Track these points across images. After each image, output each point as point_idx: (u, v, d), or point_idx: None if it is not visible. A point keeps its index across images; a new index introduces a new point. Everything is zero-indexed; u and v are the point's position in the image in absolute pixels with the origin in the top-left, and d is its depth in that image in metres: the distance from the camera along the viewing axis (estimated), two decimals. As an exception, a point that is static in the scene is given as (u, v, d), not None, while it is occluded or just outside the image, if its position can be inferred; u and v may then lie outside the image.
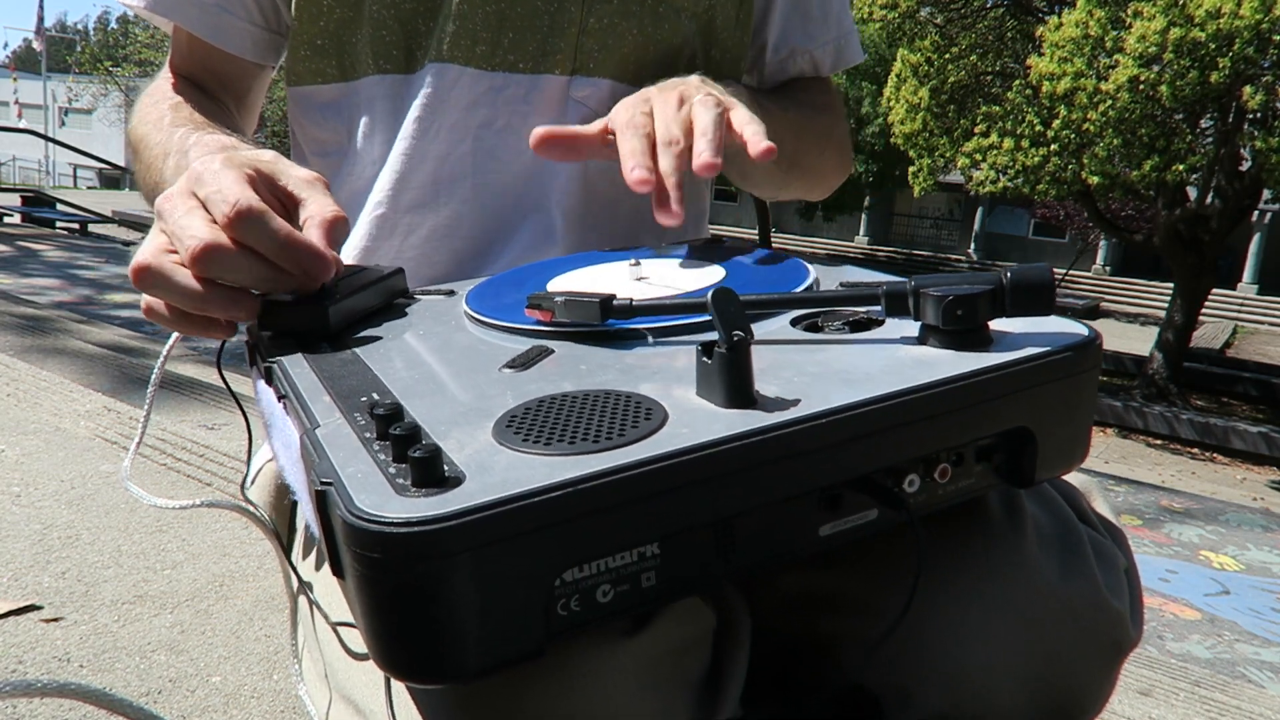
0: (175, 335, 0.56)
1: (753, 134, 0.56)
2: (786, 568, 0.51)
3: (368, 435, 0.37)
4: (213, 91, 0.82)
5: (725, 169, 0.63)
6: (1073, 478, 0.58)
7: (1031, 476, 0.42)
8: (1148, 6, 7.70)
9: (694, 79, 0.65)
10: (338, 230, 0.53)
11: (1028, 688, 0.47)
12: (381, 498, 0.31)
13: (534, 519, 0.31)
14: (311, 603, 0.61)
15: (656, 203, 0.55)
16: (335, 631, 0.56)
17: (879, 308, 0.43)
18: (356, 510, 0.31)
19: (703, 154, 0.55)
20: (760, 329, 0.46)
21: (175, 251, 0.49)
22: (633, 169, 0.55)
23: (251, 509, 0.57)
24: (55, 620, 1.36)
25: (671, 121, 0.58)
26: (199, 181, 0.50)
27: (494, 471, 0.32)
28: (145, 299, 0.52)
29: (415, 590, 0.30)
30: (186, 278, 0.48)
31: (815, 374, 0.39)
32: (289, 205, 0.54)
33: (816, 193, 0.90)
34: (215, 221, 0.49)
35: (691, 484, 0.33)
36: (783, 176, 0.81)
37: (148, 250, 0.49)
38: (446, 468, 0.33)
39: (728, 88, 0.67)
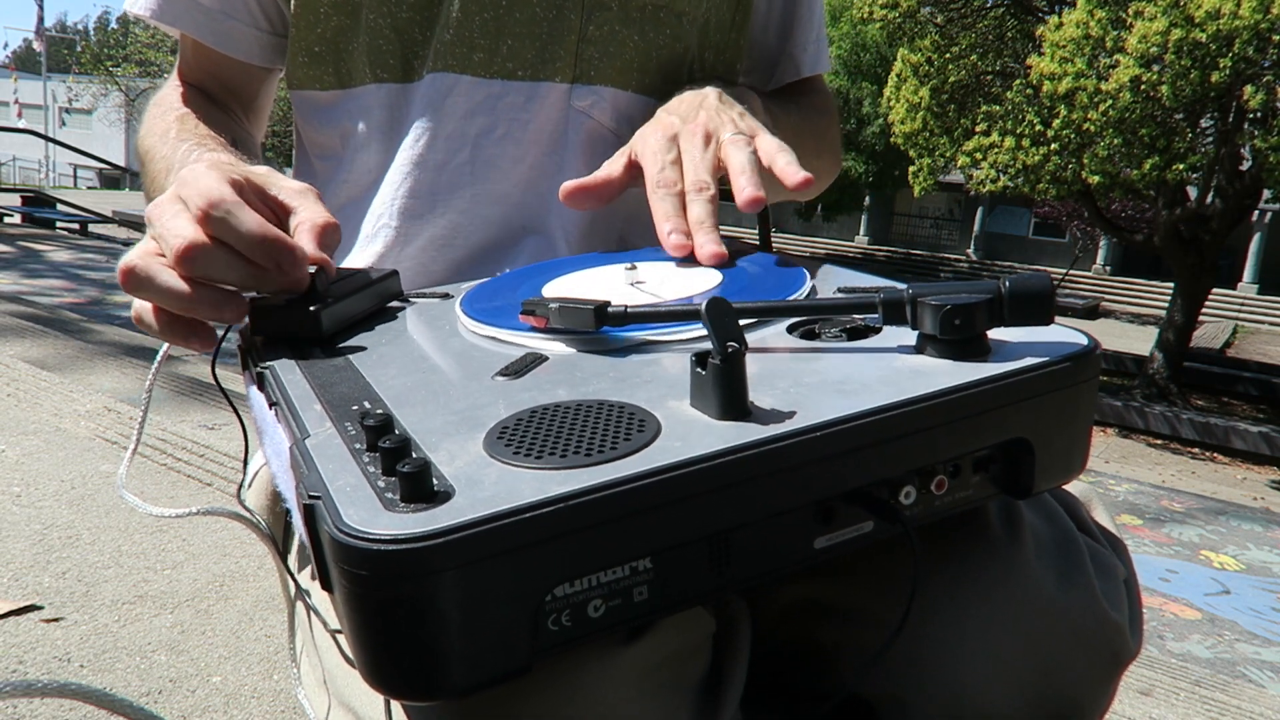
0: (167, 345, 0.56)
1: (784, 164, 0.58)
2: (785, 576, 0.51)
3: (358, 446, 0.36)
4: (220, 99, 0.82)
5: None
6: (1072, 486, 0.58)
7: (1030, 487, 0.42)
8: (1149, 7, 7.69)
9: (712, 98, 0.65)
10: (328, 235, 0.53)
11: (1025, 699, 0.47)
12: (369, 513, 0.31)
13: (523, 535, 0.30)
14: (310, 608, 0.61)
15: (697, 251, 0.57)
16: (334, 639, 0.56)
17: (876, 315, 0.43)
18: (344, 526, 0.30)
19: (745, 190, 0.56)
20: (756, 336, 0.46)
21: (163, 255, 0.49)
22: (670, 233, 0.57)
23: (248, 515, 0.57)
24: (55, 620, 1.36)
25: (700, 165, 0.59)
26: (183, 184, 0.51)
27: (483, 486, 0.32)
28: (134, 307, 0.52)
29: (402, 607, 0.30)
30: (172, 278, 0.48)
31: (811, 384, 0.39)
32: (280, 215, 0.54)
33: (806, 195, 0.91)
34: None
35: (684, 499, 0.33)
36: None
37: (135, 252, 0.49)
38: (436, 481, 0.32)
39: (743, 100, 0.67)
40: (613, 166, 0.64)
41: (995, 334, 0.42)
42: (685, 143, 0.61)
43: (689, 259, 0.61)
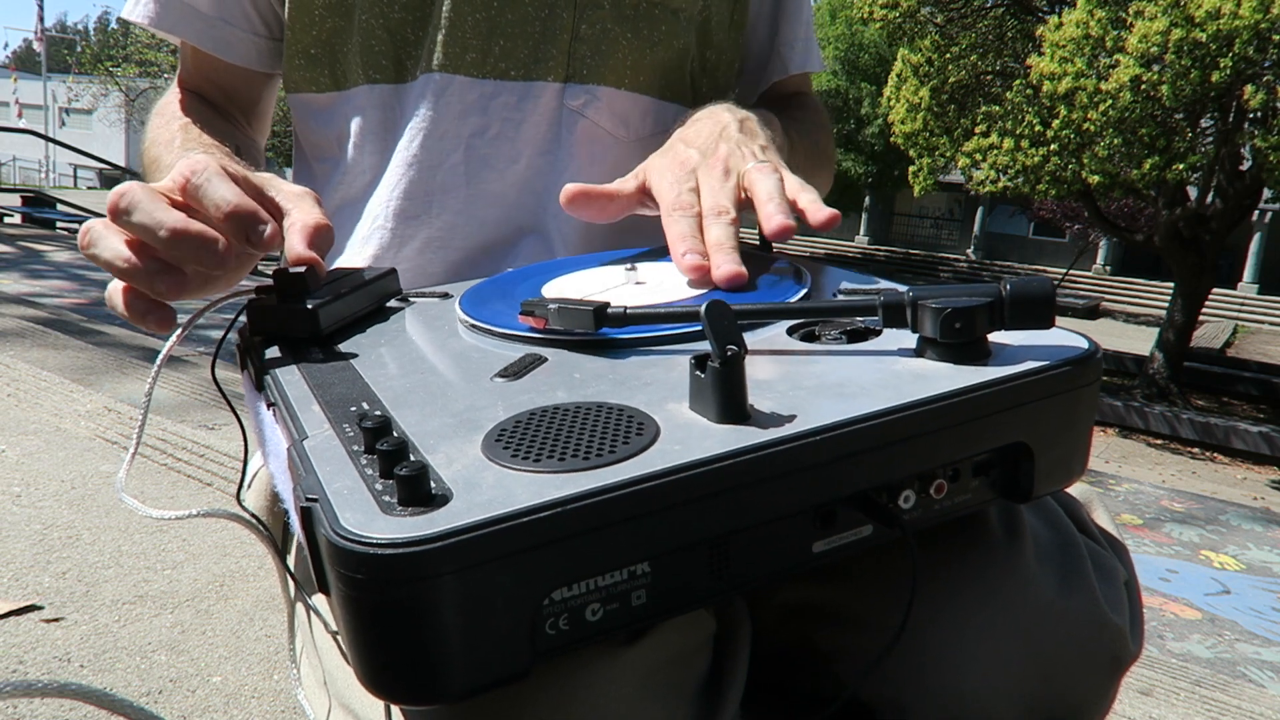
0: (168, 347, 0.56)
1: (809, 202, 0.55)
2: (784, 580, 0.51)
3: (355, 448, 0.36)
4: (221, 106, 0.82)
5: None
6: (1074, 487, 0.58)
7: (1029, 492, 0.41)
8: (1149, 7, 7.69)
9: (733, 128, 0.62)
10: (320, 236, 0.53)
11: (1026, 704, 0.47)
12: (367, 516, 0.31)
13: (521, 539, 0.30)
14: (310, 609, 0.61)
15: (714, 272, 0.52)
16: (335, 640, 0.56)
17: (876, 318, 0.43)
18: (341, 530, 0.30)
19: (774, 217, 0.53)
20: (756, 338, 0.46)
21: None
22: (685, 254, 0.53)
23: (248, 516, 0.57)
24: (56, 620, 1.36)
25: (719, 193, 0.56)
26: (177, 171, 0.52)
27: (481, 489, 0.32)
28: (109, 288, 0.51)
29: (399, 611, 0.30)
30: (162, 209, 0.47)
31: (811, 387, 0.39)
32: (276, 217, 0.54)
33: None
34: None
35: (682, 503, 0.32)
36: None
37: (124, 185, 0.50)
38: (434, 484, 0.32)
39: (768, 126, 0.65)
40: (622, 184, 0.61)
41: (996, 337, 0.42)
42: (704, 174, 0.58)
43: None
